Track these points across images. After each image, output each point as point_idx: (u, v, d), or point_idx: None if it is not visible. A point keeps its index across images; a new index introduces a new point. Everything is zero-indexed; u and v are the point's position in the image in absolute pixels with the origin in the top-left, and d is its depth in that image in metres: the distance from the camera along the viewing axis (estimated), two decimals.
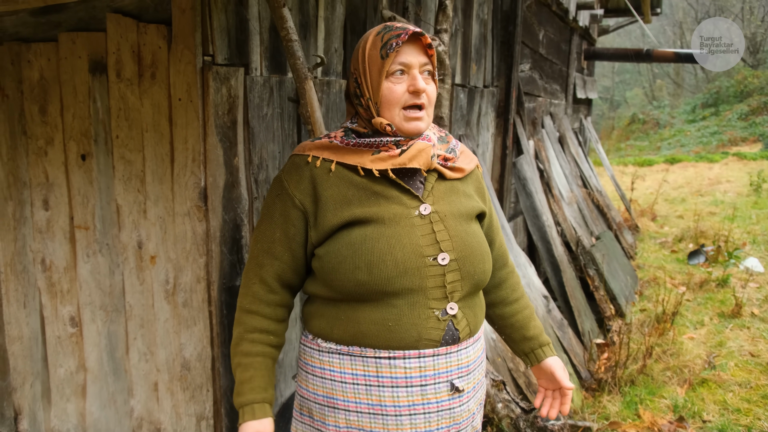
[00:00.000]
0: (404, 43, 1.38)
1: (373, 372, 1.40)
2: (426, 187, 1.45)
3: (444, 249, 1.40)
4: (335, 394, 1.44)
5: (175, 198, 2.03)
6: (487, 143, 4.31)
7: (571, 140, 6.80)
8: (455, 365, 1.43)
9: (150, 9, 1.99)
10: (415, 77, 1.39)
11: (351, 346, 1.41)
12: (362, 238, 1.36)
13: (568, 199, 5.56)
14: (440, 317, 1.39)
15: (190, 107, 1.92)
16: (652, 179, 13.17)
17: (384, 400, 1.40)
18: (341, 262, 1.36)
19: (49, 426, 2.61)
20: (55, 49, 2.21)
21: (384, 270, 1.34)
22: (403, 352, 1.38)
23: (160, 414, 2.25)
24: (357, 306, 1.39)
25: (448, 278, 1.40)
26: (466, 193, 1.53)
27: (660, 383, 3.50)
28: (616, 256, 5.37)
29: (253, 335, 1.44)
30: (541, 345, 1.68)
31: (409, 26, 1.40)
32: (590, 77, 9.13)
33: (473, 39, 3.87)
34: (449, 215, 1.44)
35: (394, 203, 1.40)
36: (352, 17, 2.55)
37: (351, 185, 1.40)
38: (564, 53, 6.89)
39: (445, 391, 1.42)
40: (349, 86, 1.49)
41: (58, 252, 2.40)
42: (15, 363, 2.67)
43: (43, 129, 2.32)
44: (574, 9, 6.75)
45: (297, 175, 1.44)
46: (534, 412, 2.36)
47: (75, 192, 2.29)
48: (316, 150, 1.45)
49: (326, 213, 1.39)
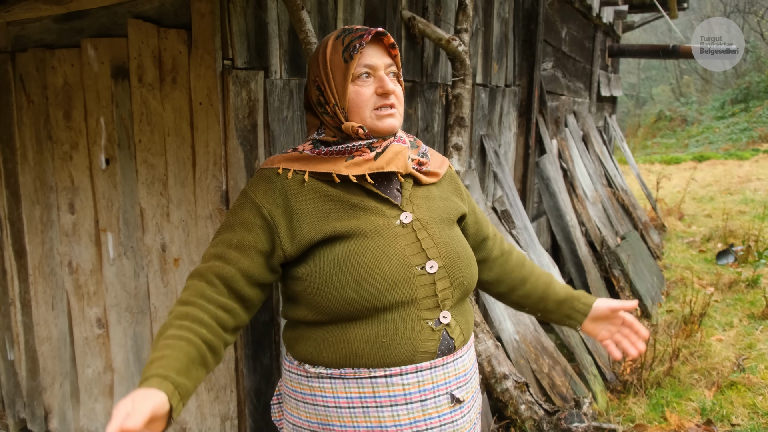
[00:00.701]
0: (367, 44, 1.33)
1: (369, 393, 1.33)
2: (403, 194, 1.40)
3: (431, 256, 1.35)
4: (330, 420, 1.36)
5: (197, 201, 2.05)
6: (509, 143, 4.28)
7: (596, 139, 6.72)
8: (453, 375, 1.38)
9: (170, 14, 2.01)
10: (383, 78, 1.34)
11: (343, 369, 1.33)
12: (346, 254, 1.29)
13: (593, 198, 5.50)
14: (434, 327, 1.34)
15: (210, 111, 1.94)
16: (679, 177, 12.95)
17: (384, 421, 1.33)
18: (326, 281, 1.29)
19: (78, 425, 2.66)
20: (78, 55, 2.24)
21: (373, 284, 1.28)
22: (399, 369, 1.32)
23: (186, 414, 2.28)
24: (346, 326, 1.32)
25: (438, 286, 1.34)
26: (443, 196, 1.48)
27: (687, 386, 3.44)
28: (642, 256, 5.30)
29: (183, 321, 1.24)
30: (579, 298, 1.60)
31: (368, 28, 1.35)
32: (615, 74, 9.01)
33: (494, 38, 3.85)
34: (431, 221, 1.39)
35: (374, 214, 1.34)
36: (371, 18, 2.55)
37: (327, 198, 1.34)
38: (587, 51, 6.81)
39: (446, 403, 1.36)
40: (309, 96, 1.42)
41: (84, 255, 2.44)
42: (44, 363, 2.72)
43: (68, 134, 2.36)
44: (598, 5, 6.67)
45: (265, 185, 1.35)
46: (557, 414, 2.34)
47: (100, 196, 2.33)
48: (286, 162, 1.37)
49: (303, 225, 1.31)
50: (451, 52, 2.84)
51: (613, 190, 6.56)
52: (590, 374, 3.45)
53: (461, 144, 2.83)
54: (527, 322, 3.33)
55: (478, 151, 3.77)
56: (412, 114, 2.92)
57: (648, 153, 20.59)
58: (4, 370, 2.89)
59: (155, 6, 2.04)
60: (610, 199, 6.14)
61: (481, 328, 2.55)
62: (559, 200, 4.56)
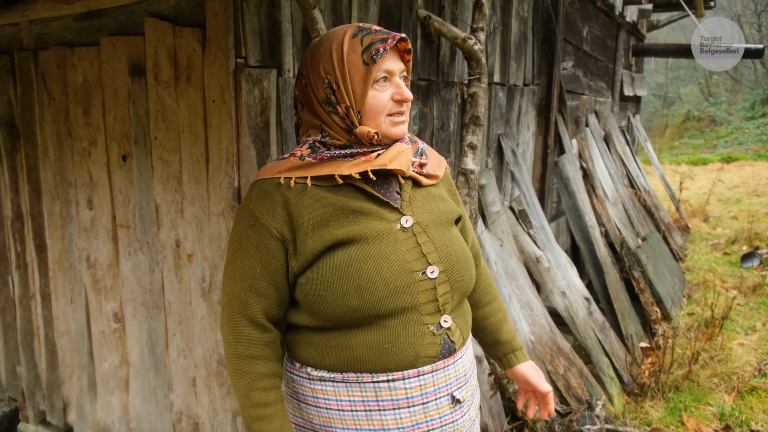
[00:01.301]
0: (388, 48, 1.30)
1: (372, 397, 1.34)
2: (403, 196, 1.38)
3: (431, 261, 1.34)
4: (333, 422, 1.37)
5: (210, 198, 2.07)
6: (527, 142, 4.25)
7: (618, 139, 6.64)
8: (453, 377, 1.39)
9: (185, 13, 2.03)
10: (400, 85, 1.33)
11: (346, 373, 1.34)
12: (347, 261, 1.28)
13: (613, 199, 5.44)
14: (435, 332, 1.34)
15: (223, 109, 1.96)
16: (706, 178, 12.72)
17: (386, 424, 1.35)
18: (327, 289, 1.28)
19: (95, 418, 2.70)
20: (96, 53, 2.28)
21: (374, 292, 1.27)
22: (402, 373, 1.32)
23: (198, 409, 2.31)
24: (348, 332, 1.32)
25: (439, 291, 1.34)
26: (441, 197, 1.47)
27: (706, 390, 3.39)
28: (663, 258, 5.23)
29: (264, 382, 1.33)
30: (514, 350, 1.63)
31: (387, 31, 1.34)
32: (639, 74, 8.89)
33: (513, 37, 3.83)
34: (431, 224, 1.38)
35: (375, 219, 1.33)
36: (386, 17, 2.55)
37: (327, 205, 1.31)
38: (610, 50, 6.73)
39: (447, 404, 1.38)
40: (312, 92, 1.36)
41: (101, 250, 2.48)
42: (63, 356, 2.77)
43: (86, 131, 2.40)
44: (621, 4, 6.59)
45: (268, 202, 1.32)
46: (569, 416, 2.32)
47: (117, 192, 2.36)
48: (287, 171, 1.33)
49: (306, 240, 1.30)
50: (467, 50, 2.83)
51: (635, 191, 6.48)
52: (607, 376, 3.42)
53: (476, 143, 2.82)
54: (543, 323, 3.31)
55: (495, 150, 3.76)
56: (428, 113, 2.92)
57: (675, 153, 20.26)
58: (25, 363, 2.95)
59: (171, 5, 2.07)
60: (632, 200, 6.07)
61: None
62: (578, 200, 4.52)
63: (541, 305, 3.39)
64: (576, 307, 3.60)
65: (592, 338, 3.56)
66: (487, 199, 3.43)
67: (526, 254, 3.61)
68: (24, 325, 2.91)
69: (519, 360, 1.62)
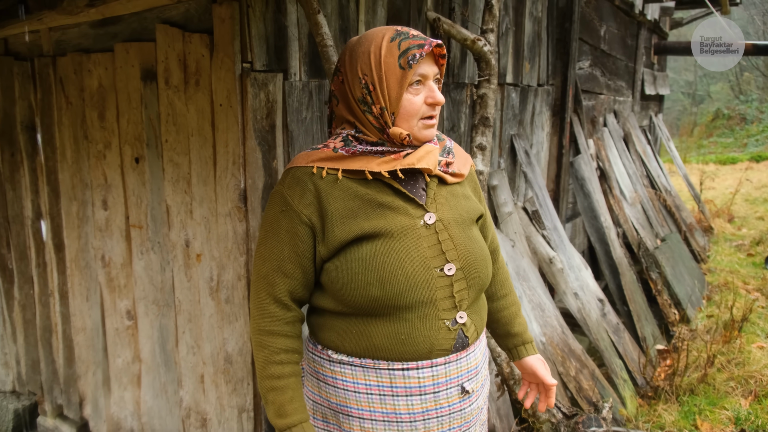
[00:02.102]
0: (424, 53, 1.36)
1: (386, 383, 1.41)
2: (428, 193, 1.44)
3: (450, 259, 1.40)
4: (348, 402, 1.45)
5: (217, 199, 2.12)
6: (541, 142, 4.24)
7: (638, 138, 6.57)
8: (465, 369, 1.46)
9: (194, 19, 2.08)
10: (433, 89, 1.39)
11: (364, 359, 1.42)
12: (372, 253, 1.35)
13: (631, 199, 5.39)
14: (451, 327, 1.41)
15: (230, 112, 2.00)
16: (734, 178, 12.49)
17: (398, 409, 1.42)
18: (352, 278, 1.35)
19: (109, 412, 2.77)
20: (111, 59, 2.34)
21: (396, 285, 1.34)
22: (416, 363, 1.40)
23: (206, 405, 2.36)
24: (368, 320, 1.39)
25: (455, 288, 1.40)
26: (465, 194, 1.53)
27: (722, 394, 3.35)
28: (683, 259, 5.17)
29: (281, 356, 1.42)
30: (524, 342, 1.70)
31: (424, 36, 1.39)
32: (661, 72, 8.78)
33: (526, 37, 3.82)
34: (453, 222, 1.44)
35: (400, 214, 1.39)
36: (394, 20, 2.58)
37: (356, 197, 1.38)
38: (630, 48, 6.66)
39: (456, 394, 1.45)
40: (349, 91, 1.41)
41: (115, 249, 2.55)
42: (79, 352, 2.85)
43: (101, 134, 2.47)
44: (641, 2, 6.52)
45: (300, 189, 1.39)
46: (575, 418, 2.32)
47: (130, 193, 2.42)
48: (320, 161, 1.40)
49: (333, 228, 1.37)
50: (476, 52, 2.84)
51: (656, 191, 6.41)
52: (620, 379, 3.40)
53: (485, 144, 2.82)
54: (554, 324, 3.30)
55: (508, 151, 3.76)
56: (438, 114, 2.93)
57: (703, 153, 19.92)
58: (44, 358, 3.04)
59: (181, 12, 2.12)
60: (651, 200, 6.00)
61: None
62: (593, 201, 4.49)
63: (552, 306, 3.38)
64: (589, 308, 3.58)
65: (605, 340, 3.54)
66: (499, 200, 3.43)
67: (540, 255, 3.60)
68: (43, 321, 3.00)
69: (528, 352, 1.69)
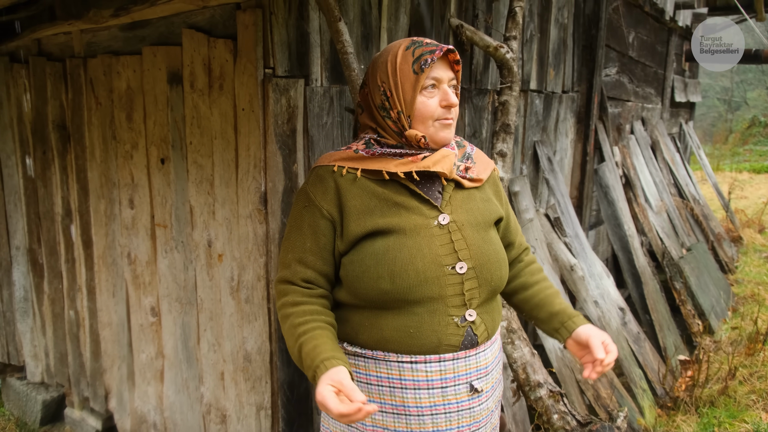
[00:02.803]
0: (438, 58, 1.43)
1: (396, 375, 1.46)
2: (444, 197, 1.49)
3: (462, 258, 1.44)
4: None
5: (239, 201, 2.17)
6: (565, 149, 4.23)
7: (666, 146, 6.50)
8: (474, 367, 1.49)
9: (219, 25, 2.14)
10: (447, 92, 1.45)
11: (375, 351, 1.47)
12: (385, 248, 1.40)
13: (657, 208, 5.33)
14: (459, 324, 1.45)
15: (252, 117, 2.05)
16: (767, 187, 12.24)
17: (407, 401, 1.46)
18: (365, 271, 1.41)
19: (133, 406, 2.85)
20: (139, 62, 2.41)
21: (406, 279, 1.39)
22: (424, 357, 1.44)
23: (226, 401, 2.41)
24: (380, 313, 1.44)
25: (466, 286, 1.44)
26: (483, 198, 1.56)
27: (743, 406, 3.31)
28: (709, 269, 5.10)
29: (305, 317, 1.43)
30: (570, 317, 1.58)
31: (437, 43, 1.45)
32: (693, 79, 8.66)
33: (551, 44, 3.82)
34: (467, 224, 1.48)
35: (414, 214, 1.45)
36: (416, 27, 2.60)
37: (373, 196, 1.45)
38: (660, 55, 6.59)
39: (465, 391, 1.48)
40: (369, 98, 1.51)
41: (141, 247, 2.62)
42: (105, 347, 2.93)
43: (129, 134, 2.54)
44: (672, 9, 6.44)
45: (322, 186, 1.48)
46: (589, 426, 2.32)
47: (155, 193, 2.49)
48: (341, 161, 1.49)
49: (350, 223, 1.44)
50: (499, 59, 2.85)
51: (684, 200, 6.33)
52: (639, 388, 3.38)
53: (506, 151, 2.84)
54: None
55: (531, 158, 3.76)
56: (459, 120, 2.96)
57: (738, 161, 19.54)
58: (71, 351, 3.13)
59: (206, 17, 2.18)
60: (678, 209, 5.93)
61: (518, 335, 2.56)
62: (617, 209, 4.46)
63: None
64: (609, 316, 3.57)
65: (625, 349, 3.52)
66: (521, 206, 3.44)
67: (561, 262, 3.60)
68: (71, 316, 3.09)
69: (578, 323, 1.56)
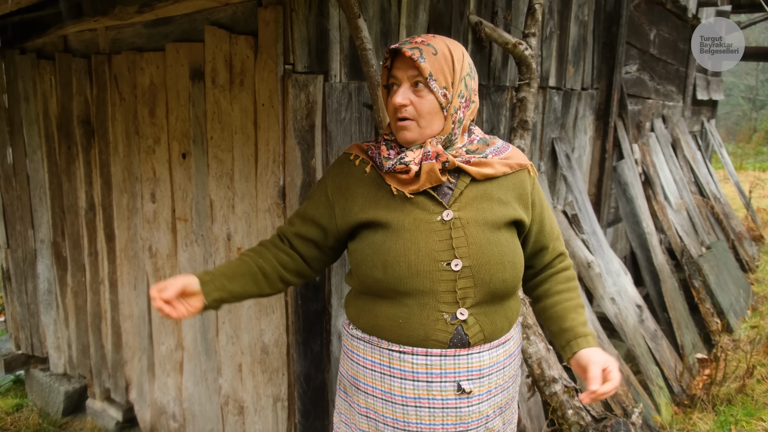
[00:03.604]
0: (396, 55, 1.45)
1: (386, 362, 1.50)
2: (454, 192, 1.47)
3: (458, 255, 1.42)
4: (359, 376, 1.56)
5: (258, 195, 2.20)
6: (584, 146, 4.22)
7: (687, 144, 6.44)
8: (464, 368, 1.47)
9: (240, 21, 2.17)
10: (395, 91, 1.45)
11: (371, 336, 1.53)
12: (383, 239, 1.45)
13: (677, 206, 5.29)
14: (449, 321, 1.44)
15: (271, 112, 2.08)
16: None
17: (393, 389, 1.50)
18: (363, 259, 1.47)
19: (153, 397, 2.90)
20: (162, 58, 2.45)
21: (397, 270, 1.42)
22: (411, 348, 1.46)
23: (243, 393, 2.45)
24: (375, 300, 1.50)
25: (459, 284, 1.43)
26: (501, 199, 1.49)
27: (760, 405, 3.28)
28: (728, 268, 5.05)
29: (246, 253, 1.61)
30: (576, 336, 1.50)
31: (409, 41, 1.45)
32: (715, 77, 8.56)
33: (571, 41, 3.81)
34: (473, 222, 1.44)
35: (418, 208, 1.46)
36: (436, 24, 2.62)
37: (381, 188, 1.50)
38: (682, 53, 6.53)
39: (452, 390, 1.47)
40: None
41: (162, 240, 2.66)
42: (126, 338, 2.98)
43: (152, 129, 2.58)
44: (695, 6, 6.38)
45: (338, 169, 1.57)
46: (604, 422, 2.32)
47: (176, 187, 2.53)
48: (360, 151, 1.58)
49: (353, 206, 1.50)
50: (518, 56, 2.86)
51: (704, 198, 6.27)
52: (655, 386, 3.36)
53: (523, 147, 2.84)
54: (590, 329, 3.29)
55: (549, 154, 3.75)
56: (477, 116, 2.96)
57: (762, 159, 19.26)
58: (93, 343, 3.19)
59: (228, 14, 2.21)
60: (699, 207, 5.88)
61: (533, 330, 2.57)
62: (636, 206, 4.44)
63: (588, 311, 3.37)
64: (626, 314, 3.56)
65: (642, 346, 3.51)
66: None
67: (578, 259, 3.59)
68: (93, 308, 3.15)
69: (581, 346, 1.48)
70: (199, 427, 2.68)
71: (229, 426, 2.54)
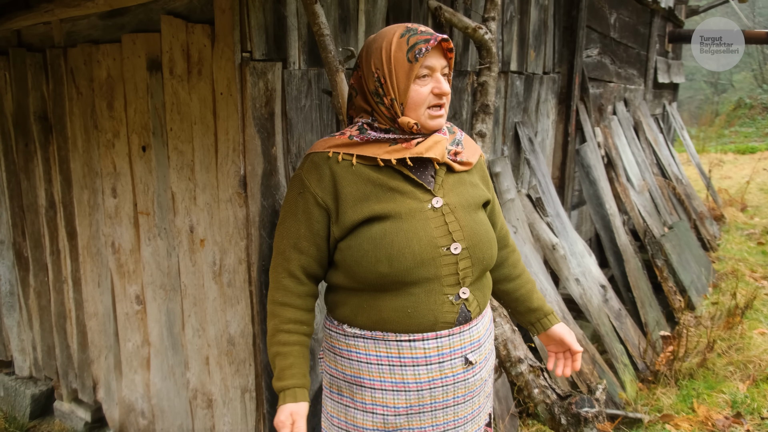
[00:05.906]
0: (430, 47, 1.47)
1: (395, 353, 1.53)
2: (437, 180, 1.54)
3: (456, 239, 1.50)
4: (362, 374, 1.57)
5: (219, 185, 2.19)
6: (546, 130, 4.27)
7: (648, 127, 6.55)
8: (468, 341, 1.56)
9: (197, 10, 2.14)
10: (440, 80, 1.49)
11: (374, 331, 1.53)
12: (382, 233, 1.46)
13: (639, 187, 5.39)
14: (454, 301, 1.52)
15: (230, 101, 2.06)
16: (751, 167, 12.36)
17: (407, 378, 1.53)
18: (363, 255, 1.46)
19: (121, 395, 2.87)
20: (119, 50, 2.41)
21: (403, 262, 1.44)
22: (421, 335, 1.51)
23: (212, 386, 2.44)
24: (378, 295, 1.50)
25: (460, 266, 1.50)
26: (472, 183, 1.62)
27: (721, 378, 3.38)
28: (690, 247, 5.17)
29: (289, 326, 1.55)
30: (546, 314, 1.80)
31: (432, 31, 1.49)
32: (676, 60, 8.72)
33: (532, 25, 3.84)
34: (459, 206, 1.54)
35: (409, 198, 1.50)
36: (395, 9, 2.62)
37: (368, 182, 1.50)
38: (643, 36, 6.63)
39: (460, 364, 1.56)
40: (363, 84, 1.55)
41: (124, 236, 2.63)
42: (92, 337, 2.94)
43: (110, 123, 2.54)
44: None
45: (317, 173, 1.52)
46: (569, 399, 2.37)
47: (137, 181, 2.50)
48: (336, 147, 1.53)
49: (346, 210, 1.49)
50: (478, 40, 2.88)
51: (667, 180, 6.40)
52: (620, 363, 3.44)
53: (485, 131, 2.87)
54: (555, 309, 3.35)
55: (512, 138, 3.79)
56: None
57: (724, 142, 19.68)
58: (59, 344, 3.14)
59: (185, 3, 2.18)
60: (661, 189, 6.00)
61: (498, 313, 2.60)
62: (599, 188, 4.51)
63: (554, 292, 3.42)
64: (590, 294, 3.62)
65: (606, 325, 3.58)
66: (502, 187, 3.47)
67: (543, 241, 3.64)
68: (57, 308, 3.09)
69: (552, 322, 1.80)
70: (169, 422, 2.66)
71: (199, 420, 2.52)
